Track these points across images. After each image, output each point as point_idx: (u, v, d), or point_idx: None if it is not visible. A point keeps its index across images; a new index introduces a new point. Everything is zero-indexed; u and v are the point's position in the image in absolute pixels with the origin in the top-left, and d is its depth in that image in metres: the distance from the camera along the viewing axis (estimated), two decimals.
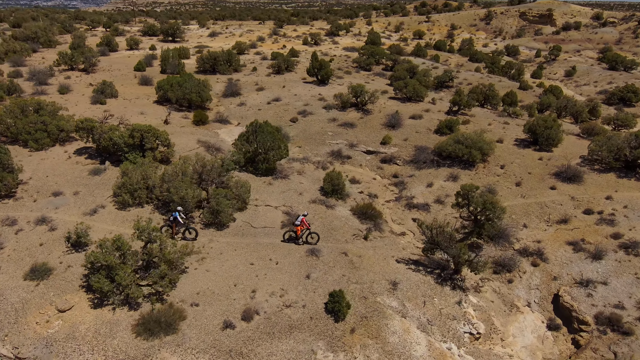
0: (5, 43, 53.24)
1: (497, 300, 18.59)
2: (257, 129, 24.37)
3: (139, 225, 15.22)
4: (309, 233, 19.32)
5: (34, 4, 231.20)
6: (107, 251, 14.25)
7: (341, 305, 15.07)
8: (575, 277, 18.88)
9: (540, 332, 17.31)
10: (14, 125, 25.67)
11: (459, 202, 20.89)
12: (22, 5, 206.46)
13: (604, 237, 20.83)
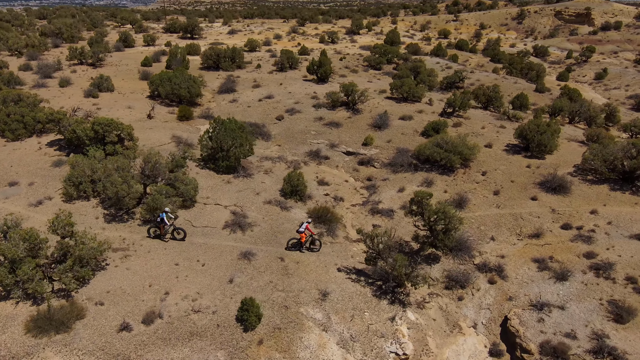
0: (27, 37, 55.79)
1: (441, 318, 17.07)
2: (220, 125, 23.80)
3: (54, 219, 14.97)
4: (312, 240, 19.17)
5: (83, 3, 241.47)
6: (14, 243, 14.05)
7: (249, 314, 14.17)
8: (533, 298, 17.03)
9: (479, 357, 15.67)
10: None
11: (413, 210, 19.41)
12: (71, 4, 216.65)
13: (576, 256, 18.73)
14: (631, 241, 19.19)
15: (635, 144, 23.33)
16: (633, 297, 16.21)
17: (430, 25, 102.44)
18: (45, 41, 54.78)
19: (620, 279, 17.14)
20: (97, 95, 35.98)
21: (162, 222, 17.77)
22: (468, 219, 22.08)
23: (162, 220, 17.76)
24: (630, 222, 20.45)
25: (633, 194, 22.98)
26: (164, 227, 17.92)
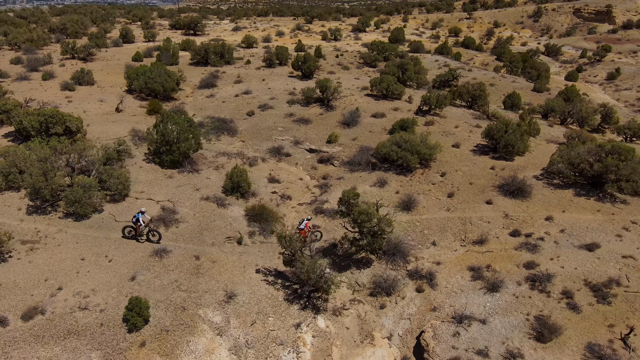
0: (28, 32, 57.09)
1: (355, 327, 15.94)
2: (165, 119, 23.27)
3: None
4: (312, 232, 19.83)
5: (112, 0, 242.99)
6: None
7: (133, 314, 13.47)
8: (458, 310, 15.68)
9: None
10: None
11: (342, 211, 18.30)
12: (95, 2, 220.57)
13: (515, 265, 17.21)
14: (579, 251, 17.51)
15: (602, 146, 21.42)
16: (563, 314, 14.67)
17: (442, 23, 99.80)
18: (44, 36, 55.92)
19: (556, 292, 15.59)
20: (73, 88, 36.17)
21: (138, 222, 17.35)
22: (413, 222, 20.78)
23: (138, 221, 17.36)
24: (585, 231, 18.71)
25: (598, 200, 21.12)
26: (139, 227, 17.49)
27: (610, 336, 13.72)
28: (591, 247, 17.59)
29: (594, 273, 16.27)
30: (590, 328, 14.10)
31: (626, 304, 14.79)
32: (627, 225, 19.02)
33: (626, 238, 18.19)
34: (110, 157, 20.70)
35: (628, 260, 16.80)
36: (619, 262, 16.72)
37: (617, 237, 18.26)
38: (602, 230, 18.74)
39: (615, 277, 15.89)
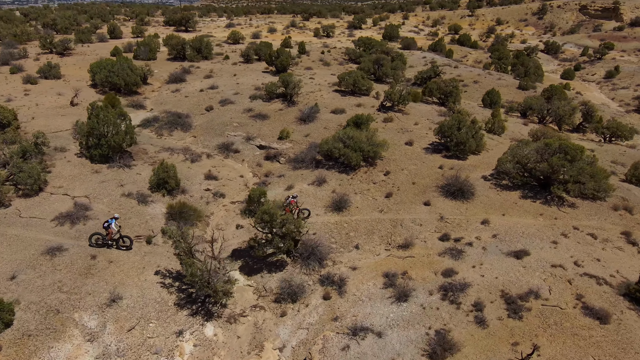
0: (14, 28, 57.30)
1: (248, 336, 14.70)
2: (95, 112, 22.39)
3: None
4: (300, 210, 19.21)
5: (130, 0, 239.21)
6: None
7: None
8: (358, 320, 14.31)
9: None
10: None
11: (250, 209, 17.07)
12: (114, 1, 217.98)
13: (433, 272, 15.74)
14: (506, 259, 15.94)
15: (549, 144, 19.69)
16: (468, 329, 13.19)
17: (444, 20, 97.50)
18: (29, 31, 56.00)
19: (468, 304, 14.09)
20: (35, 82, 35.76)
21: (109, 228, 16.51)
22: (341, 223, 19.43)
23: (109, 227, 16.51)
24: (519, 236, 17.11)
25: (545, 203, 19.44)
26: (111, 233, 16.62)
27: (512, 356, 12.20)
28: (520, 254, 16.00)
29: (514, 283, 14.71)
30: (492, 346, 12.59)
31: (539, 319, 13.21)
32: (566, 231, 17.35)
33: (562, 245, 16.53)
34: (27, 150, 19.87)
35: (557, 269, 15.18)
36: (545, 272, 15.11)
37: (553, 244, 16.62)
38: (537, 236, 17.11)
39: (536, 288, 14.31)
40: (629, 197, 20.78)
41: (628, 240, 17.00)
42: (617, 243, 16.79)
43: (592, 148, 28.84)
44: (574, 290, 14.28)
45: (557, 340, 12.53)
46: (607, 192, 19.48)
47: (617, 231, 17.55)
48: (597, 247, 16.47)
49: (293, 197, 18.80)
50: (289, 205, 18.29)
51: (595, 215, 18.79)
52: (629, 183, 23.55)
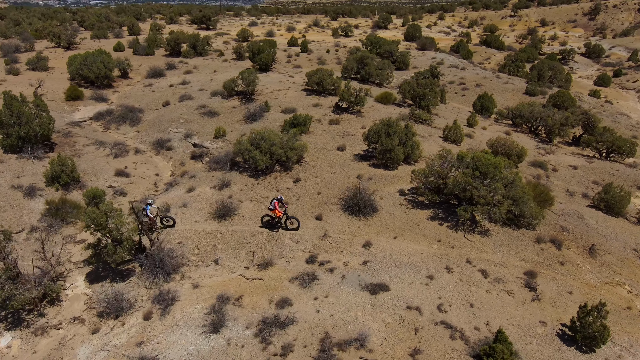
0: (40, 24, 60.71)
1: (45, 353, 13.11)
2: (6, 101, 22.09)
3: None
4: (287, 218, 17.29)
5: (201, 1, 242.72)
6: None
7: None
8: (158, 349, 12.26)
9: None
10: None
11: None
12: (184, 2, 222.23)
13: (268, 301, 13.30)
14: (359, 293, 13.12)
15: (462, 157, 16.29)
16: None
17: (482, 21, 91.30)
18: (50, 28, 59.02)
19: (278, 345, 11.55)
20: (17, 73, 36.99)
21: (147, 216, 16.28)
22: (214, 232, 17.39)
23: (147, 215, 16.30)
24: (392, 266, 14.14)
25: (453, 227, 16.17)
26: (151, 220, 16.35)
27: None
28: (377, 289, 13.11)
29: (347, 325, 11.92)
30: None
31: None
32: (454, 265, 14.10)
33: (437, 282, 13.36)
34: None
35: (410, 313, 12.16)
36: (394, 315, 12.15)
37: (427, 279, 13.51)
38: (415, 268, 14.04)
39: (367, 334, 11.45)
40: (574, 227, 16.88)
41: (527, 283, 13.44)
42: (510, 285, 13.31)
43: (576, 165, 24.54)
44: (414, 342, 11.26)
45: None
46: (534, 219, 15.79)
47: (520, 270, 14.00)
48: (481, 289, 13.12)
49: (277, 199, 16.86)
50: (274, 208, 16.64)
51: (507, 247, 15.25)
52: (596, 209, 19.48)
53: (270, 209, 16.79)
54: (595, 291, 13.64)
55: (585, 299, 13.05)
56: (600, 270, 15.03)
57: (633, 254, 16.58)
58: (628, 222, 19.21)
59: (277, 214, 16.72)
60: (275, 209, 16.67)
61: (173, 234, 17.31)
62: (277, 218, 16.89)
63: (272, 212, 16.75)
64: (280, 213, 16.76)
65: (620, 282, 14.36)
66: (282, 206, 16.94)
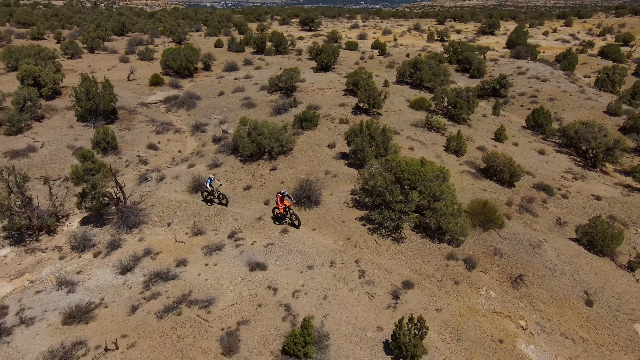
0: (160, 24, 72.09)
1: (16, 263, 17.44)
2: (83, 82, 28.27)
3: None
4: (292, 214, 17.50)
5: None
6: None
7: None
8: (79, 278, 15.51)
9: None
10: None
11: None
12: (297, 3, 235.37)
13: (174, 259, 15.50)
14: (241, 267, 14.54)
15: (389, 161, 16.14)
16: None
17: (622, 28, 78.83)
18: (176, 26, 69.88)
19: (153, 291, 13.74)
20: (127, 60, 45.54)
21: (207, 186, 18.99)
22: (182, 202, 20.24)
23: (207, 185, 18.99)
24: (285, 252, 15.14)
25: (375, 229, 16.36)
26: (210, 191, 19.08)
27: None
28: (256, 267, 14.40)
29: (208, 289, 13.54)
30: None
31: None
32: (341, 261, 14.57)
33: (312, 272, 14.10)
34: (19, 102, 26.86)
35: (267, 291, 13.25)
36: (252, 290, 13.36)
37: (306, 268, 14.27)
38: (305, 258, 14.91)
39: (217, 299, 12.94)
40: (512, 254, 15.58)
41: (395, 291, 13.18)
42: (377, 290, 13.26)
43: (603, 196, 21.60)
44: (249, 314, 12.35)
45: None
46: (460, 235, 15.03)
47: (401, 278, 13.69)
48: (346, 286, 13.39)
49: (280, 193, 17.14)
50: (279, 203, 17.13)
51: (410, 256, 14.89)
52: (579, 243, 17.48)
53: (276, 202, 17.21)
54: (472, 316, 12.65)
55: (453, 320, 12.35)
56: (509, 300, 13.70)
57: (579, 296, 14.54)
58: (612, 265, 16.53)
59: (279, 208, 17.03)
60: (278, 203, 17.01)
61: (151, 197, 20.70)
62: (280, 213, 17.19)
63: (278, 206, 17.11)
64: (282, 207, 16.95)
65: (516, 316, 12.98)
66: (288, 200, 17.08)
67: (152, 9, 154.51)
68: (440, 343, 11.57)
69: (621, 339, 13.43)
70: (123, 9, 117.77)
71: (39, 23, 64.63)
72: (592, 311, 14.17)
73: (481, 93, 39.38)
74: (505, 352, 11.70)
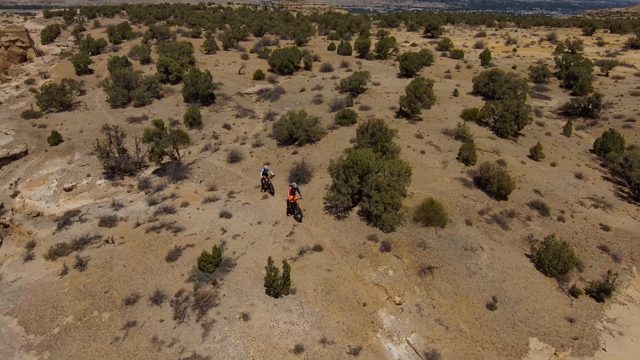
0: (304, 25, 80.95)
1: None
2: (191, 73, 36.73)
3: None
4: (297, 209, 18.82)
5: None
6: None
7: None
8: (126, 203, 22.35)
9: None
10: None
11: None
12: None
13: (182, 203, 21.20)
14: (217, 213, 19.32)
15: (348, 150, 18.79)
16: None
17: None
18: (307, 28, 78.27)
19: (154, 219, 19.60)
20: (246, 57, 54.58)
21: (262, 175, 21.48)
22: (224, 168, 26.03)
23: (265, 173, 21.33)
24: (250, 211, 19.38)
25: (331, 207, 19.36)
26: (264, 179, 21.37)
27: None
28: (225, 215, 19.00)
29: (189, 222, 18.72)
30: None
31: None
32: (283, 222, 18.08)
33: (259, 226, 18.01)
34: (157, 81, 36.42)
35: (222, 230, 17.77)
36: (213, 225, 18.05)
37: (256, 223, 18.27)
38: (263, 216, 18.90)
39: (188, 228, 18.05)
40: (437, 249, 17.16)
41: (304, 249, 16.25)
42: (292, 246, 16.68)
43: (614, 227, 20.86)
44: (203, 238, 17.13)
45: None
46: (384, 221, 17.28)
47: (317, 243, 16.68)
48: (270, 239, 17.02)
49: (290, 186, 18.76)
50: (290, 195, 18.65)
51: (341, 231, 17.83)
52: (530, 259, 18.06)
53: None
54: (354, 282, 14.90)
55: (334, 280, 15.03)
56: (403, 282, 15.44)
57: (484, 299, 15.38)
58: (554, 286, 16.46)
59: (289, 199, 18.57)
60: (289, 194, 18.64)
61: (201, 161, 27.02)
62: (289, 204, 18.78)
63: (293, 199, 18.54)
64: (291, 198, 18.45)
65: (395, 292, 14.80)
66: (297, 195, 18.72)
67: (316, 12, 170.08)
68: (310, 291, 14.48)
69: (505, 343, 14.14)
70: (282, 12, 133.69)
71: (199, 24, 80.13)
72: (489, 313, 15.00)
73: (570, 112, 36.57)
74: (361, 313, 13.98)
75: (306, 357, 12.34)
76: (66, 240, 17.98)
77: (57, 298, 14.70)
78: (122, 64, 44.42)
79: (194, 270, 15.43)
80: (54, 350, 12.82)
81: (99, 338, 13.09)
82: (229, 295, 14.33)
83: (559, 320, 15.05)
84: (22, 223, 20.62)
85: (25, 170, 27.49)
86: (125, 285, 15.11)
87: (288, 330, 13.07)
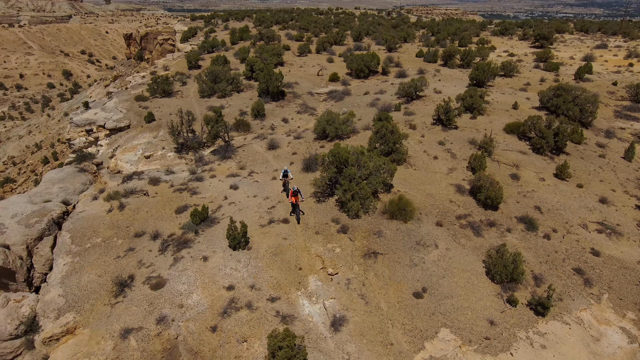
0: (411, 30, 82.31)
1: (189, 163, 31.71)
2: (261, 70, 42.20)
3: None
4: (298, 208, 19.81)
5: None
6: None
7: None
8: (178, 170, 28.16)
9: None
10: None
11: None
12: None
13: (213, 175, 26.12)
14: (228, 185, 23.72)
15: (337, 144, 21.35)
16: None
17: None
18: (410, 33, 79.54)
19: (186, 185, 24.86)
20: (332, 61, 58.76)
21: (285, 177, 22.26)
22: (258, 153, 30.56)
23: (285, 176, 22.12)
24: (254, 186, 23.33)
25: (325, 193, 22.33)
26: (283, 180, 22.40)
27: None
28: (234, 187, 23.28)
29: (210, 191, 23.47)
30: None
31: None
32: (277, 201, 21.58)
33: (260, 197, 21.83)
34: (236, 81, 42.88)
35: (229, 197, 22.14)
36: (220, 195, 22.52)
37: (259, 197, 22.15)
38: (262, 191, 22.66)
39: (203, 193, 22.81)
40: (391, 240, 19.09)
41: (274, 220, 19.43)
42: (269, 215, 19.94)
43: (623, 259, 20.12)
44: (221, 202, 21.71)
45: None
46: (349, 208, 19.67)
47: (287, 217, 19.74)
48: (255, 208, 20.64)
49: (291, 189, 19.84)
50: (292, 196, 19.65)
51: (312, 211, 20.44)
52: (485, 264, 19.12)
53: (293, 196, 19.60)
54: (300, 251, 17.61)
55: (285, 246, 18.04)
56: (344, 259, 17.68)
57: (414, 287, 16.87)
58: (493, 291, 17.09)
59: (291, 200, 19.56)
60: (290, 196, 19.63)
61: (248, 146, 31.87)
62: (292, 205, 19.79)
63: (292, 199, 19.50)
64: (293, 200, 19.42)
65: (331, 264, 17.14)
66: (299, 197, 19.76)
67: (442, 17, 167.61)
68: (262, 251, 17.72)
69: (415, 327, 15.67)
70: (395, 18, 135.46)
71: (307, 28, 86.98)
72: (413, 300, 16.56)
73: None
74: (293, 273, 16.76)
75: (234, 294, 15.80)
76: (120, 190, 24.16)
77: (97, 226, 20.55)
78: (222, 61, 52.31)
79: (188, 222, 19.96)
80: (81, 257, 18.45)
81: (109, 254, 18.37)
82: (202, 242, 18.48)
83: (480, 320, 15.90)
84: (103, 175, 27.76)
85: (124, 140, 35.64)
86: (141, 224, 20.33)
87: (230, 274, 16.66)
